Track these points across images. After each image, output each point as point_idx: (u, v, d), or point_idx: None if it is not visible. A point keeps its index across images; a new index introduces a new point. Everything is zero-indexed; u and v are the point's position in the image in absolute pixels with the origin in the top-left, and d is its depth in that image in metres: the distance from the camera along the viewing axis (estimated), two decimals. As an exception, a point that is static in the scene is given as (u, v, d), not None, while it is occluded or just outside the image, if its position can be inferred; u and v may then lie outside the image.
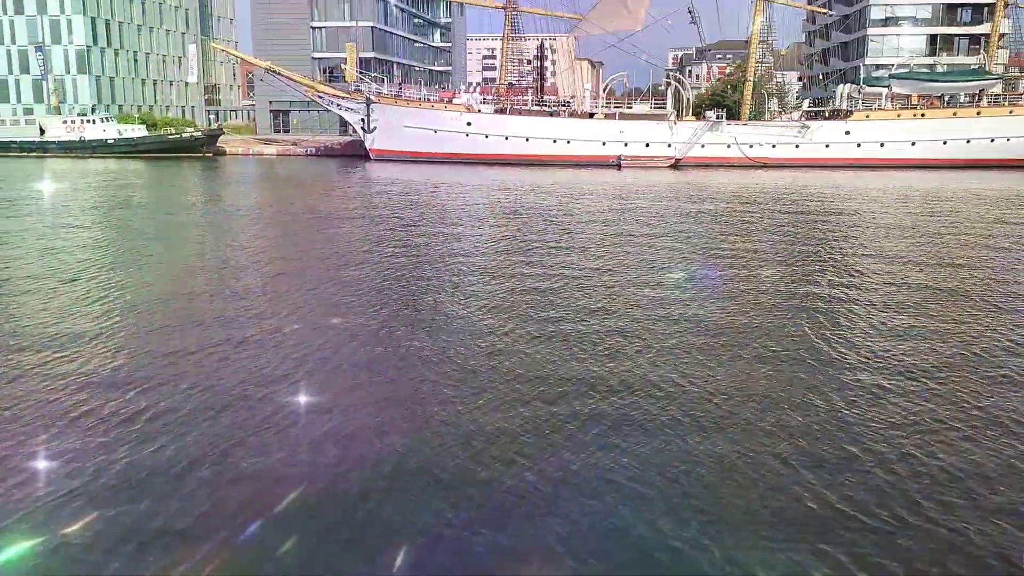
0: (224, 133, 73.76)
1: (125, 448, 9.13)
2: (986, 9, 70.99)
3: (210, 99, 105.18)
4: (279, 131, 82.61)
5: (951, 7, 77.55)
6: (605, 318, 14.90)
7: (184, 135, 69.67)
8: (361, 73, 65.09)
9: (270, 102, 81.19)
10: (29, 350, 12.74)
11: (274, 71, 61.92)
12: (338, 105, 62.88)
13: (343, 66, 67.63)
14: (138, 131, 70.45)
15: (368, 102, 60.72)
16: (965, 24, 77.35)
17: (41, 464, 8.83)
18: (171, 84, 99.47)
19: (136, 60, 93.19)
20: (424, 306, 16.01)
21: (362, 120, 61.44)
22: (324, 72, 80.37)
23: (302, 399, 10.72)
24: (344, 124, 70.62)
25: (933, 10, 77.83)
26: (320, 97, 63.52)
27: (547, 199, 36.55)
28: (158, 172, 53.42)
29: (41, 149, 67.97)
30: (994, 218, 30.56)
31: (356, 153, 64.31)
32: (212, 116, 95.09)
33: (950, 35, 77.76)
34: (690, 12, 61.00)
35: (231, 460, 8.92)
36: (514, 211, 32.23)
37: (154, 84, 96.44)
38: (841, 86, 62.46)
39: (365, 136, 61.96)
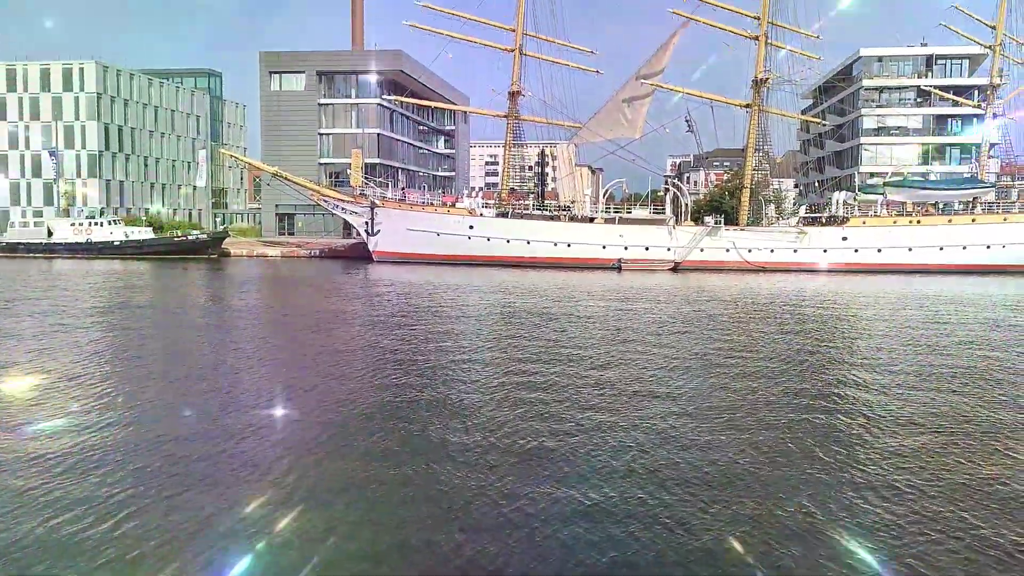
0: (230, 235, 74.75)
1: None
2: (975, 120, 73.01)
3: (217, 202, 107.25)
4: (284, 234, 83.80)
5: (940, 118, 79.84)
6: (613, 447, 14.60)
7: (190, 237, 70.57)
8: (366, 178, 66.45)
9: (276, 205, 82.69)
10: None
11: (281, 176, 63.23)
12: (343, 209, 63.92)
13: (349, 171, 69.07)
14: (145, 233, 71.37)
15: (372, 206, 61.74)
16: (955, 134, 79.45)
17: None
18: (180, 188, 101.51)
19: (146, 164, 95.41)
20: (417, 419, 15.73)
21: (366, 223, 62.34)
22: (330, 177, 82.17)
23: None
24: (348, 227, 71.65)
25: (923, 121, 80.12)
26: (325, 201, 64.67)
27: (547, 301, 36.58)
28: (162, 273, 53.78)
29: (48, 251, 68.70)
30: (992, 323, 30.47)
31: (360, 255, 64.93)
32: (219, 219, 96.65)
33: (941, 145, 79.76)
34: (687, 121, 62.65)
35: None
36: (513, 313, 32.19)
37: (163, 187, 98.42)
38: (837, 193, 63.55)
39: (369, 239, 62.71)
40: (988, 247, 57.22)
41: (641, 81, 62.36)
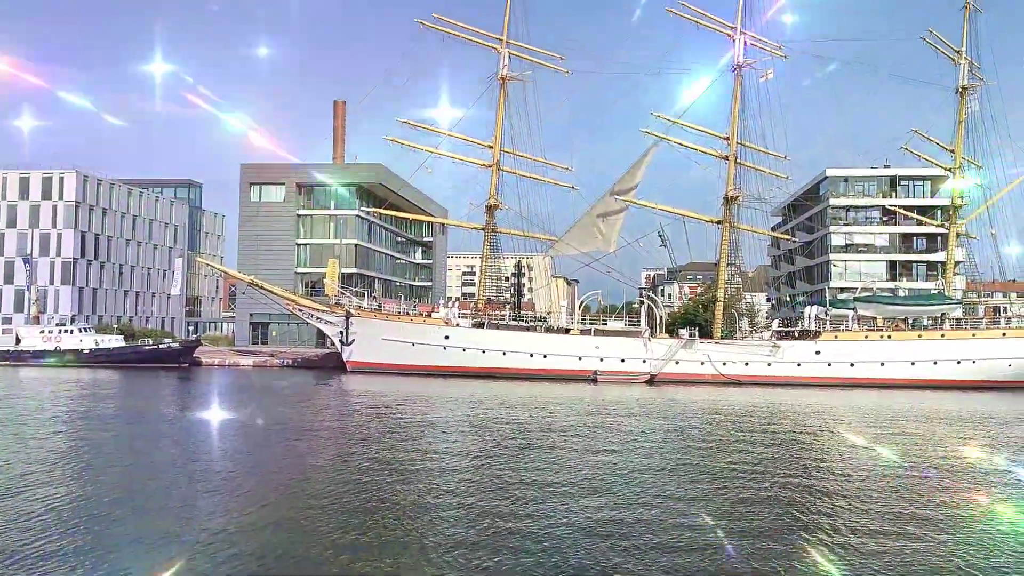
0: (202, 344, 73.93)
1: None
2: (939, 239, 75.06)
3: (191, 310, 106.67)
4: (257, 343, 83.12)
5: (906, 236, 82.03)
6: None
7: (161, 345, 69.73)
8: (342, 287, 66.57)
9: (250, 314, 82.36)
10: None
11: (256, 285, 63.19)
12: (317, 318, 63.69)
13: (325, 280, 69.26)
14: (115, 341, 70.43)
15: (347, 315, 61.60)
16: (921, 252, 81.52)
17: None
18: (154, 295, 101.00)
19: (121, 272, 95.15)
20: (383, 528, 15.19)
21: (340, 333, 62.02)
22: (306, 286, 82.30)
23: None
24: (323, 337, 71.20)
25: (890, 238, 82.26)
26: (300, 310, 64.46)
27: (522, 413, 36.15)
28: (130, 382, 52.81)
29: (16, 358, 67.44)
30: (961, 439, 30.42)
31: (334, 365, 64.32)
32: (192, 327, 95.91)
33: (908, 262, 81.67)
34: (660, 236, 63.77)
35: None
36: (487, 425, 31.72)
37: (136, 295, 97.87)
38: (809, 308, 64.39)
39: (343, 348, 62.26)
40: (958, 362, 57.81)
41: (615, 197, 63.91)
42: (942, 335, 59.42)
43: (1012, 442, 30.04)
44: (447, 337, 61.11)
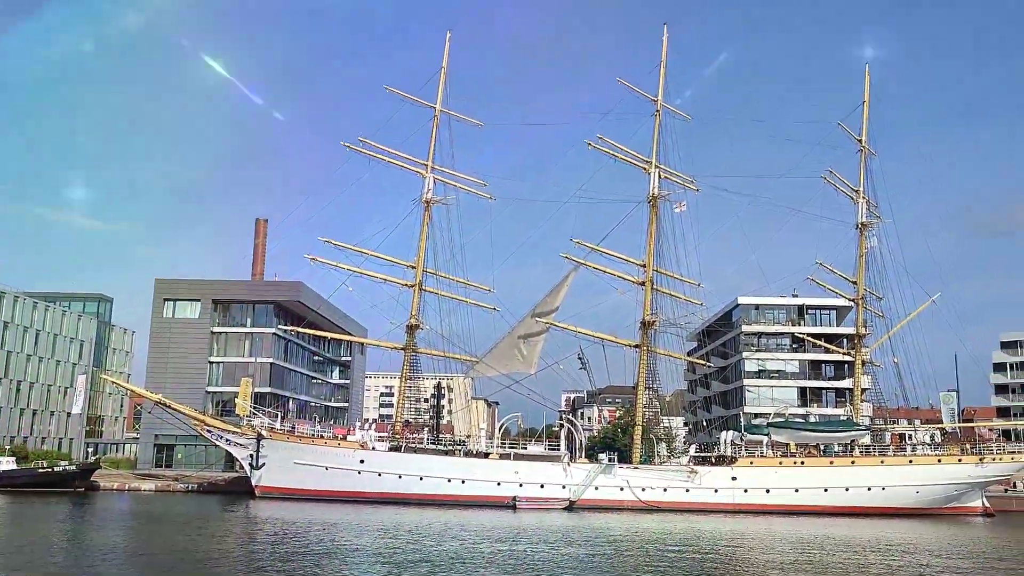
0: (101, 467, 69.98)
1: None
2: (846, 366, 77.88)
3: (92, 431, 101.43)
4: (161, 466, 79.18)
5: (815, 363, 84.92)
6: None
7: (56, 469, 65.65)
8: (254, 407, 64.50)
9: (156, 435, 78.79)
10: None
11: (163, 404, 60.77)
12: (227, 440, 61.29)
13: (237, 400, 67.17)
14: (7, 463, 65.97)
15: (259, 437, 59.49)
16: (830, 378, 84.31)
17: None
18: (52, 415, 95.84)
19: (19, 389, 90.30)
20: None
21: (251, 456, 59.69)
22: (217, 405, 79.59)
23: None
24: (232, 459, 68.38)
25: (800, 365, 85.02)
26: (209, 431, 61.98)
27: (431, 542, 35.01)
28: (19, 508, 49.35)
29: None
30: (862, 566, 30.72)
31: (242, 490, 61.50)
32: (91, 449, 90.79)
33: (818, 388, 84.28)
34: (580, 359, 64.55)
35: None
36: (391, 556, 30.57)
37: (34, 414, 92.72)
38: (724, 433, 65.30)
39: (252, 472, 59.80)
40: (869, 489, 59.04)
41: (536, 319, 64.65)
42: (852, 462, 60.80)
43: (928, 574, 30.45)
44: (362, 461, 59.48)
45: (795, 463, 60.49)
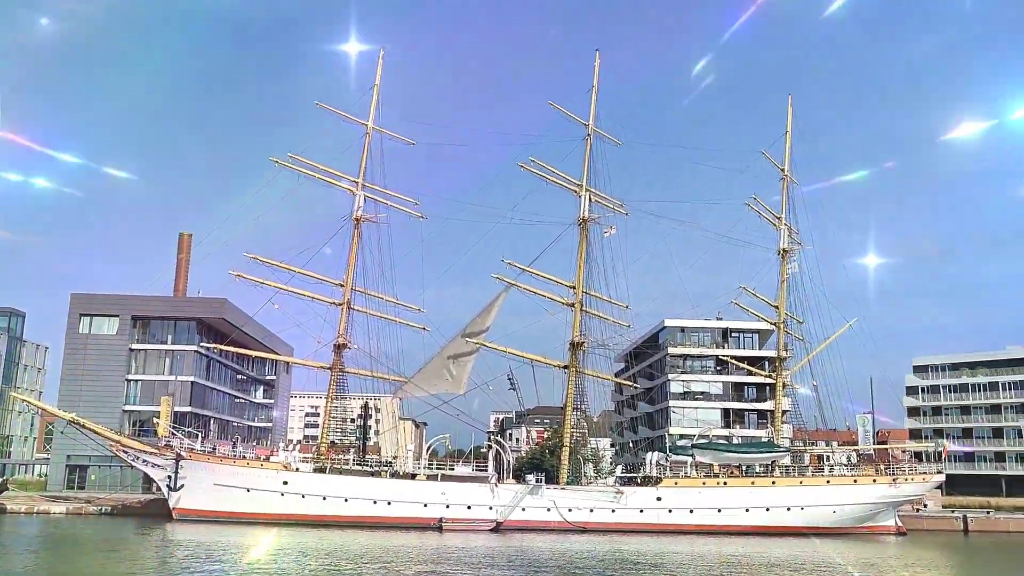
0: (9, 489, 67.02)
1: None
2: (768, 388, 79.89)
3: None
4: (74, 487, 76.07)
5: (738, 386, 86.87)
6: None
7: (-42, 490, 62.65)
8: (174, 427, 62.66)
9: (68, 456, 75.59)
10: None
11: (77, 423, 58.52)
12: (144, 461, 59.35)
13: (156, 420, 65.22)
14: (-97, 486, 62.79)
15: (178, 458, 57.78)
16: (752, 400, 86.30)
17: None
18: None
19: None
20: None
21: (169, 477, 57.91)
22: (134, 425, 77.03)
23: None
24: (150, 481, 66.18)
25: (723, 387, 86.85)
26: (125, 452, 59.92)
27: (356, 567, 34.49)
28: (-85, 533, 46.80)
29: None
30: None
31: (159, 512, 59.57)
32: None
33: (741, 410, 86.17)
34: (509, 379, 64.58)
35: None
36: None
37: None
38: (650, 454, 66.13)
39: (170, 494, 58.00)
40: (788, 509, 60.48)
41: (467, 339, 64.56)
42: (773, 482, 62.24)
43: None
44: (285, 483, 58.30)
45: (718, 483, 61.63)
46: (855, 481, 62.44)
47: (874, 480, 62.31)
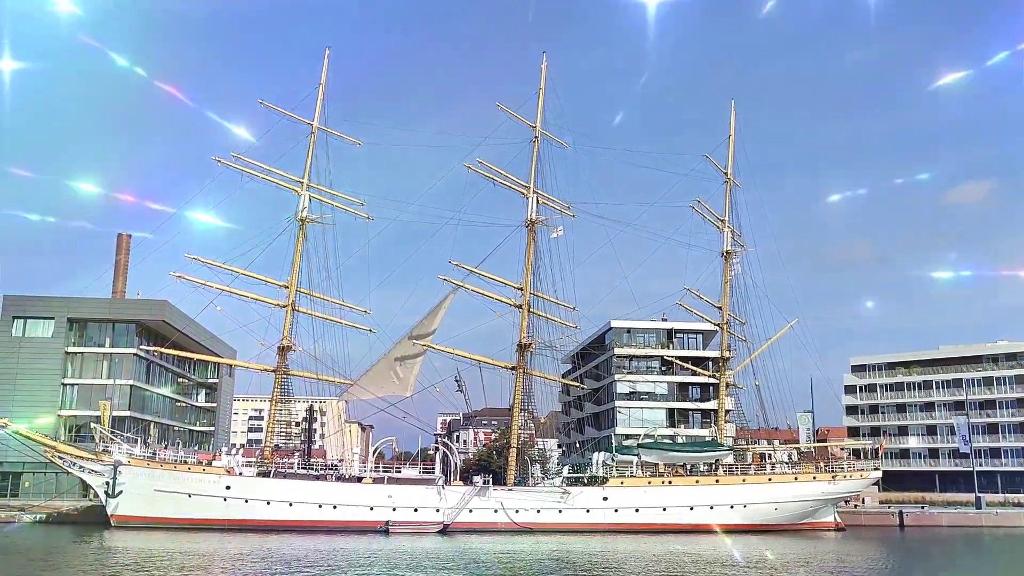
0: (-65, 497, 64.67)
1: None
2: (712, 388, 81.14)
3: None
4: (6, 495, 73.59)
5: (683, 386, 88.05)
6: None
7: None
8: (112, 432, 61.14)
9: (0, 463, 73.23)
10: None
11: (8, 429, 56.68)
12: (81, 467, 57.81)
13: (93, 425, 63.51)
14: None
15: (116, 464, 56.41)
16: (697, 400, 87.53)
17: None
18: None
19: None
20: None
21: (107, 483, 56.51)
22: (71, 431, 74.93)
23: None
24: (87, 487, 64.44)
25: (668, 387, 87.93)
26: (61, 458, 58.25)
27: (293, 573, 34.09)
28: None
29: None
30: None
31: (96, 520, 58.07)
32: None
33: (685, 410, 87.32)
34: (457, 381, 64.49)
35: None
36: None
37: None
38: (596, 454, 66.67)
39: (108, 501, 56.61)
40: (731, 507, 61.55)
41: (414, 341, 64.28)
42: (716, 480, 63.27)
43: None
44: (228, 487, 57.39)
45: (663, 483, 62.40)
46: (796, 479, 63.83)
47: (814, 477, 63.78)
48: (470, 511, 59.12)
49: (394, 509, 58.14)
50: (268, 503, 57.31)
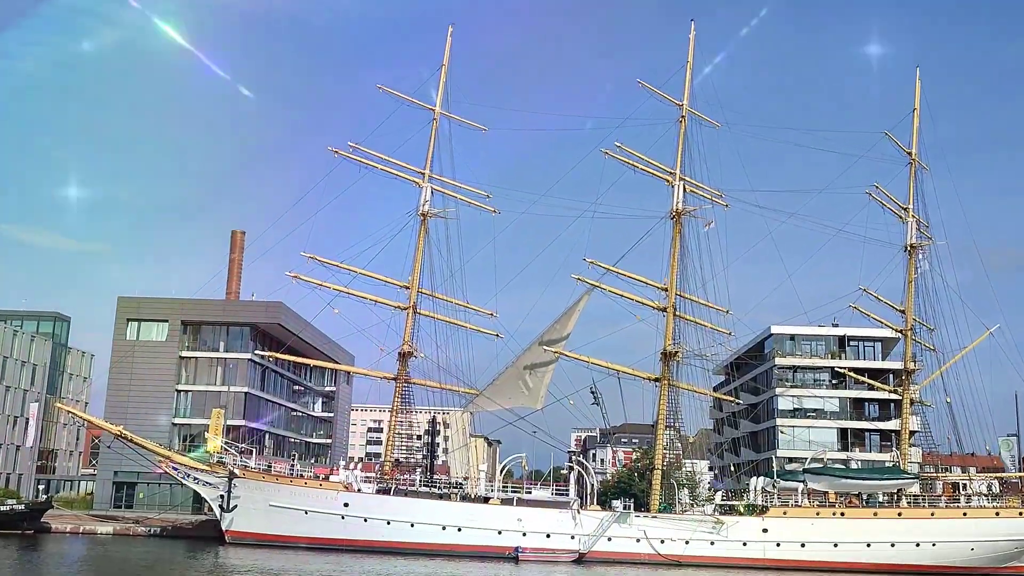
0: (53, 507, 69.94)
1: None
2: (893, 405, 77.47)
3: (44, 466, 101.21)
4: (121, 506, 78.96)
5: (857, 402, 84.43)
6: None
7: (2, 508, 65.57)
8: (226, 444, 64.36)
9: (115, 472, 78.54)
10: None
11: (124, 437, 60.67)
12: (195, 479, 61.14)
13: (207, 434, 67.09)
14: (-55, 501, 66.15)
15: (231, 476, 59.32)
16: (873, 419, 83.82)
17: None
18: (0, 447, 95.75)
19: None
20: None
21: (221, 497, 59.51)
22: (184, 440, 79.37)
23: None
24: (200, 500, 68.19)
25: (840, 403, 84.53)
26: (175, 468, 61.83)
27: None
28: (-41, 552, 49.20)
29: None
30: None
31: (211, 535, 61.34)
32: (43, 486, 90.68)
33: (860, 430, 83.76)
34: (593, 393, 64.16)
35: None
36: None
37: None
38: (755, 479, 64.80)
39: (222, 516, 59.61)
40: (917, 545, 58.49)
41: (544, 348, 64.29)
42: (899, 513, 60.34)
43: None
44: (346, 505, 59.26)
45: (834, 514, 60.06)
46: (997, 514, 59.97)
47: (1020, 513, 59.81)
48: (608, 539, 58.75)
49: (524, 534, 58.45)
50: (388, 523, 58.70)
